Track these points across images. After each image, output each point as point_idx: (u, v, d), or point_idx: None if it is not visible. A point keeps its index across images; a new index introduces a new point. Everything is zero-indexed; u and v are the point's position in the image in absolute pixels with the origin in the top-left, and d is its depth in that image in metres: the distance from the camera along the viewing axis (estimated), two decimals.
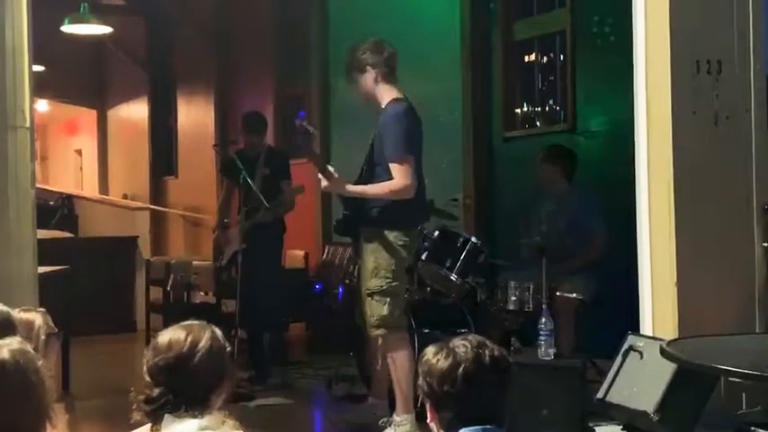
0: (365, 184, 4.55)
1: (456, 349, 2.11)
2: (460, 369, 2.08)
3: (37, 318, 2.70)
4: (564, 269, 5.23)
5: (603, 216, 5.42)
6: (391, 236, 4.47)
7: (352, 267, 6.80)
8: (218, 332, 2.32)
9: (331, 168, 4.48)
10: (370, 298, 4.48)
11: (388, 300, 4.45)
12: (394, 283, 4.47)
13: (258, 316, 6.02)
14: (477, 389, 2.08)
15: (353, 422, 4.76)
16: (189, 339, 2.25)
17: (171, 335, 2.27)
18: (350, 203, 4.64)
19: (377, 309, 4.47)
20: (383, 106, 4.57)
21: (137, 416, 2.25)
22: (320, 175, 4.48)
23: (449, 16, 6.97)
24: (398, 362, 4.45)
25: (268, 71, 9.55)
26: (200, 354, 2.23)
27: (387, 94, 4.56)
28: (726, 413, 3.70)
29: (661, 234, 3.87)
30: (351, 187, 4.51)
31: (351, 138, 5.45)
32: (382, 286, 4.46)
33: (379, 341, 4.51)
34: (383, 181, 4.47)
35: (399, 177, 4.40)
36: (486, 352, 2.12)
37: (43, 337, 2.65)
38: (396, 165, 4.40)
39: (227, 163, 6.46)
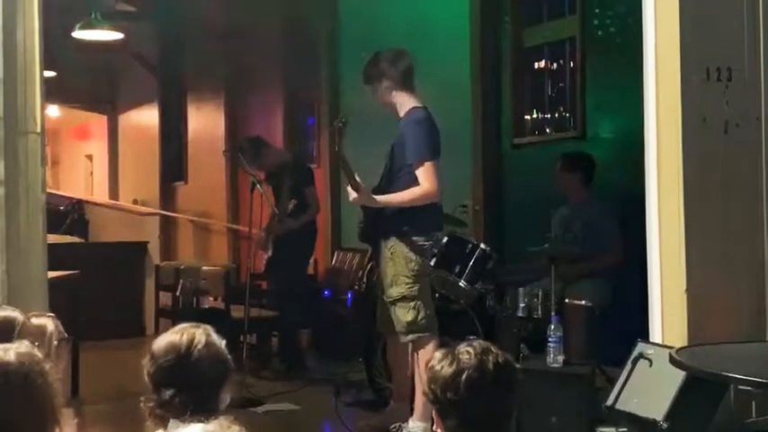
0: (385, 191, 4.58)
1: (460, 356, 2.09)
2: (464, 376, 2.06)
3: (49, 323, 2.71)
4: (578, 271, 5.22)
5: (619, 223, 5.41)
6: (409, 241, 4.48)
7: (360, 273, 6.83)
8: (210, 328, 2.36)
9: (358, 178, 4.50)
10: (393, 306, 4.49)
11: (412, 305, 4.48)
12: (415, 288, 4.48)
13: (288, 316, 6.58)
14: (480, 396, 2.06)
15: (378, 427, 4.75)
16: (184, 338, 2.29)
17: (166, 339, 2.31)
18: (368, 211, 4.66)
19: (402, 316, 4.49)
20: (402, 114, 4.61)
21: (151, 425, 2.27)
22: (348, 188, 4.50)
23: (459, 23, 6.97)
24: (424, 365, 4.44)
25: (278, 77, 9.57)
26: (198, 348, 2.27)
27: (406, 103, 4.60)
28: (736, 421, 3.69)
29: (671, 241, 3.85)
30: (380, 198, 4.53)
31: (361, 144, 5.45)
32: (404, 293, 4.47)
33: (411, 347, 4.52)
34: (405, 187, 4.49)
35: (426, 181, 4.45)
36: (491, 358, 2.09)
37: (55, 342, 2.66)
38: (422, 169, 4.45)
39: (267, 174, 6.88)
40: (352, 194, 4.51)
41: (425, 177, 4.44)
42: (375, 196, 4.54)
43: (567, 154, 5.72)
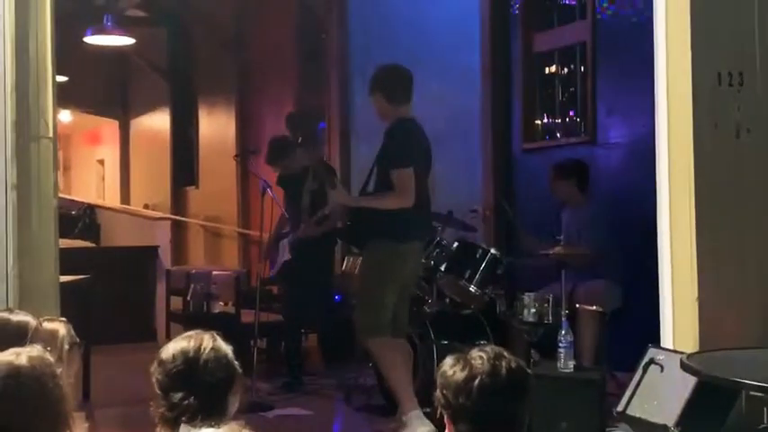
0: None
1: (472, 361, 2.08)
2: (476, 381, 2.05)
3: (61, 328, 2.73)
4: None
5: (603, 233, 5.39)
6: (383, 246, 4.59)
7: None
8: (217, 334, 2.38)
9: (335, 180, 4.90)
10: (358, 305, 4.73)
11: (372, 307, 4.61)
12: (378, 291, 4.62)
13: (298, 323, 6.49)
14: (492, 401, 2.05)
15: None
16: (191, 344, 2.32)
17: (173, 347, 2.34)
18: (353, 215, 4.78)
19: (361, 315, 4.66)
20: (389, 125, 4.77)
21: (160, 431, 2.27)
22: (328, 187, 4.86)
23: (469, 28, 6.97)
24: (388, 362, 4.60)
25: (288, 82, 9.59)
26: (205, 353, 2.29)
27: (395, 115, 4.75)
28: (747, 427, 3.67)
29: (682, 247, 3.84)
30: (355, 198, 4.86)
31: (371, 149, 5.46)
32: (367, 293, 4.65)
33: (370, 347, 4.69)
34: (381, 192, 4.68)
35: (398, 188, 4.58)
36: (503, 364, 2.08)
37: (67, 346, 2.67)
38: (397, 176, 4.59)
39: (281, 176, 6.69)
40: (330, 193, 4.88)
41: (399, 184, 4.57)
42: (350, 196, 4.85)
43: (559, 162, 5.76)
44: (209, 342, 2.32)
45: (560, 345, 4.24)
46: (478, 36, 6.91)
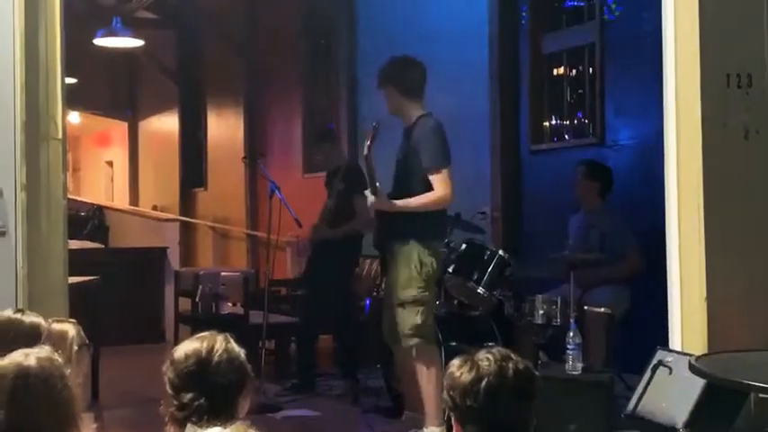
0: (398, 197, 4.62)
1: (480, 362, 2.08)
2: (483, 382, 2.04)
3: (70, 329, 2.74)
4: (599, 277, 5.20)
5: (633, 231, 5.40)
6: (421, 247, 4.50)
7: (379, 280, 6.82)
8: (230, 336, 2.37)
9: (378, 185, 4.56)
10: (402, 308, 4.52)
11: (421, 309, 4.50)
12: (425, 293, 4.52)
13: (311, 325, 6.36)
14: (500, 403, 2.05)
15: None
16: (204, 345, 2.31)
17: (186, 347, 2.33)
18: (382, 217, 4.67)
19: (410, 318, 4.50)
20: (411, 121, 4.64)
21: (169, 430, 2.28)
22: (368, 193, 4.56)
23: (477, 29, 6.97)
24: (429, 373, 4.47)
25: (296, 84, 9.61)
26: (217, 354, 2.29)
27: (412, 111, 4.63)
28: (755, 430, 3.66)
29: (690, 248, 3.83)
30: (398, 202, 4.57)
31: (379, 150, 5.46)
32: (415, 296, 4.50)
33: (413, 352, 4.52)
34: (419, 193, 4.53)
35: (441, 186, 4.49)
36: (510, 365, 2.08)
37: (76, 347, 2.68)
38: (438, 175, 4.48)
39: (327, 175, 6.57)
40: (371, 198, 4.56)
41: (441, 183, 4.48)
42: (393, 201, 4.58)
43: (591, 162, 5.72)
44: (222, 344, 2.32)
45: (568, 347, 4.24)
46: (487, 37, 6.91)
